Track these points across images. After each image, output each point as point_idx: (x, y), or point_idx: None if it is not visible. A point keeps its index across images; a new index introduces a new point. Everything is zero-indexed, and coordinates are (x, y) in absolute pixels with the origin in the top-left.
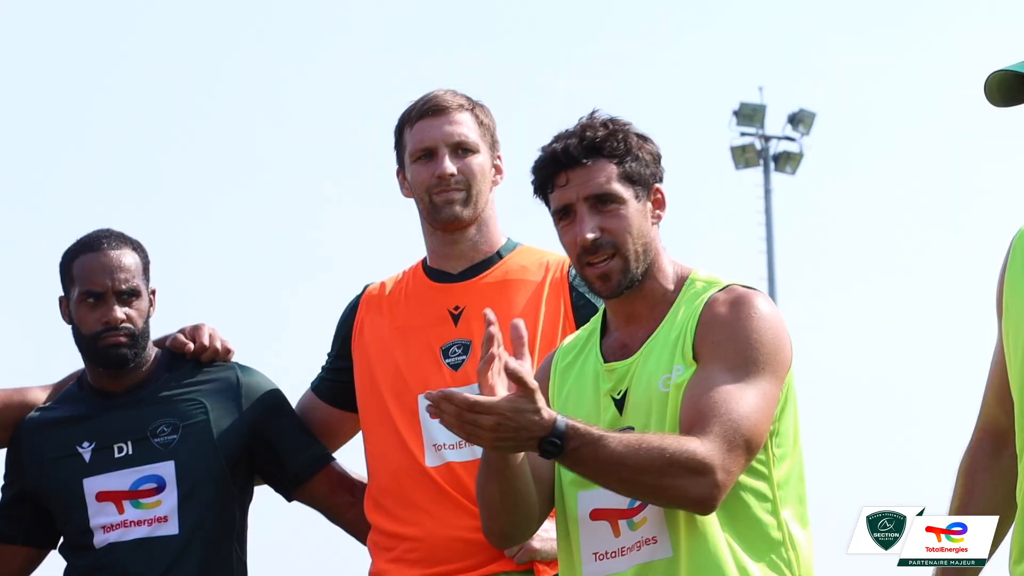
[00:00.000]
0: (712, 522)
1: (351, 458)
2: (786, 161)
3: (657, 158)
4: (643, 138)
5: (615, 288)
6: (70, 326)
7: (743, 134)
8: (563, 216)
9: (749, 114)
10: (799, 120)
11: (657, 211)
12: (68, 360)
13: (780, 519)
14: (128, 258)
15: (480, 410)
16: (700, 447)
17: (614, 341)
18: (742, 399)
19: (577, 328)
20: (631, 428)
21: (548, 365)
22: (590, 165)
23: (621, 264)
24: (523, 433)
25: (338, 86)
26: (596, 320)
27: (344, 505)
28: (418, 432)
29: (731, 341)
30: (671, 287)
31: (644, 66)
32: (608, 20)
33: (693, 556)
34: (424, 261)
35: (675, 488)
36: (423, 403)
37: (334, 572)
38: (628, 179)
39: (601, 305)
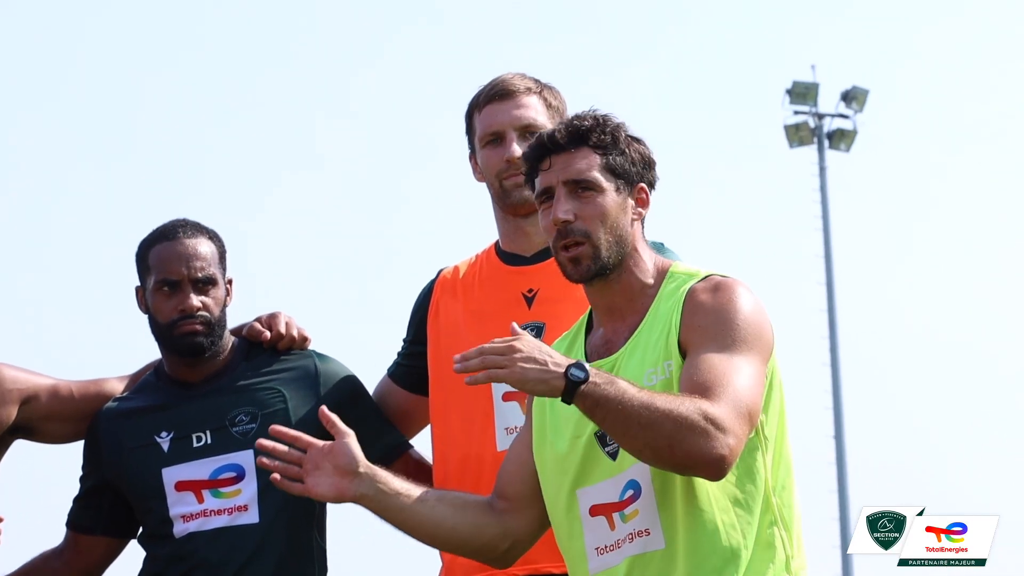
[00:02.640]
0: (705, 512)
1: (420, 446)
2: (840, 138)
3: (647, 161)
4: (634, 139)
5: (584, 273)
6: (147, 316)
7: (796, 112)
8: (544, 199)
9: (802, 92)
10: (852, 97)
11: (639, 209)
12: (146, 351)
13: (771, 503)
14: (204, 247)
15: (510, 340)
16: (713, 408)
17: (598, 338)
18: (740, 372)
19: None
20: None
21: None
22: (573, 152)
23: (591, 251)
24: (549, 359)
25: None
26: (581, 321)
27: None
28: (490, 416)
29: (718, 324)
30: (651, 281)
31: (696, 48)
32: (658, 5)
33: (687, 547)
34: (497, 244)
35: (690, 442)
36: (496, 386)
37: (412, 558)
38: (610, 171)
39: None
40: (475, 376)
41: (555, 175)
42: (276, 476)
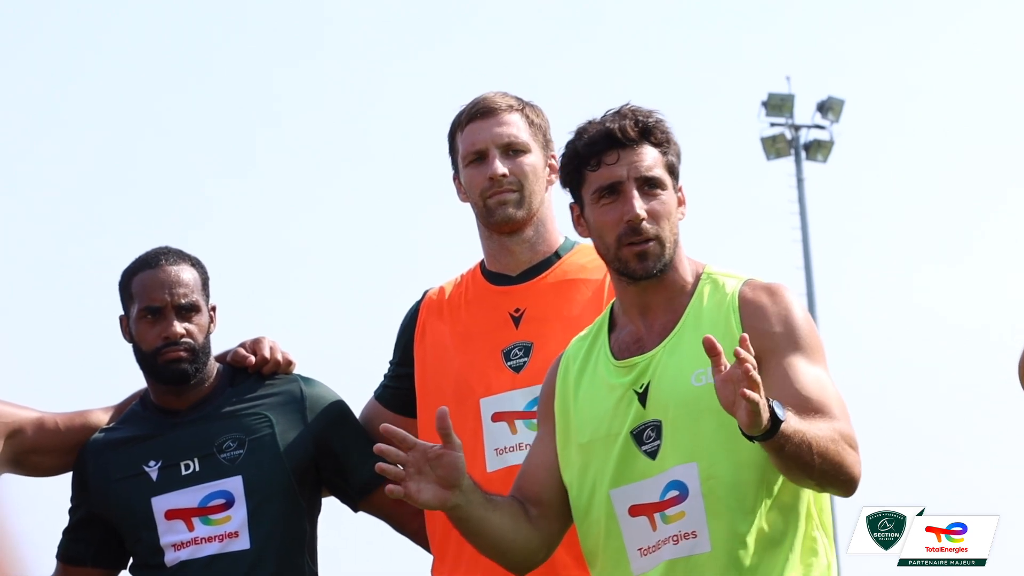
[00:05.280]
0: (753, 517)
1: None
2: (817, 149)
3: (681, 157)
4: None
5: (650, 268)
6: (131, 345)
7: (773, 124)
8: (607, 194)
9: (778, 104)
10: (828, 108)
11: (681, 208)
12: (130, 381)
13: (811, 509)
14: (187, 273)
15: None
16: (847, 427)
17: (626, 336)
18: (834, 384)
19: None
20: (658, 422)
21: (552, 377)
22: (640, 148)
23: (659, 249)
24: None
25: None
26: (602, 319)
27: (410, 515)
28: (479, 437)
29: (794, 332)
30: (689, 280)
31: (670, 60)
32: (632, 15)
33: (733, 551)
34: (482, 264)
35: (846, 464)
36: (485, 407)
37: None
38: (668, 169)
39: None
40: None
41: (624, 170)
42: (390, 487)
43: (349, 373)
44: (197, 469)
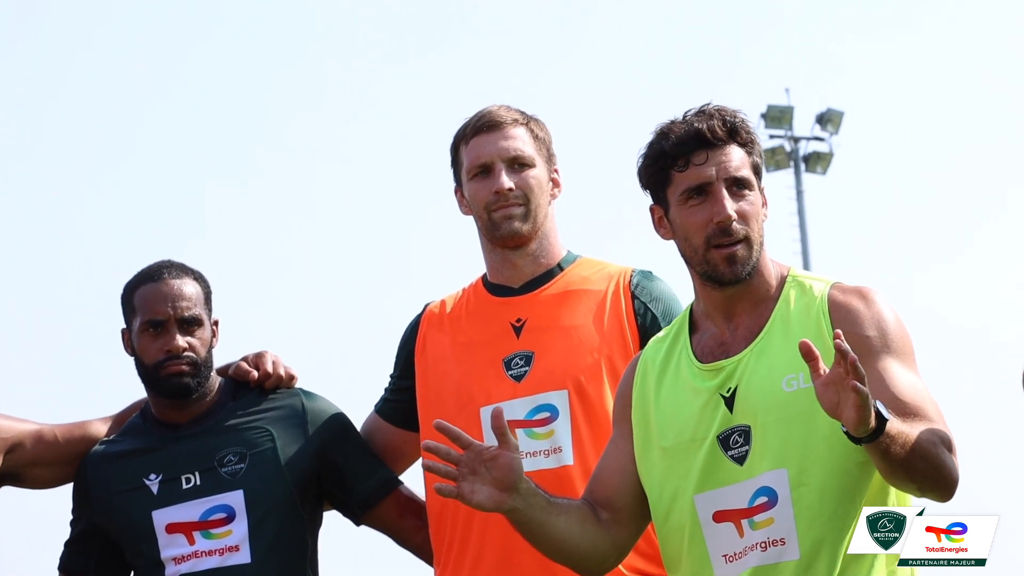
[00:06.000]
0: (841, 525)
1: (411, 481)
2: (816, 161)
3: (762, 155)
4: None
5: (739, 273)
6: (133, 358)
7: (772, 136)
8: (695, 195)
9: (777, 116)
10: (827, 120)
11: (764, 208)
12: (125, 390)
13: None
14: (189, 287)
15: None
16: (946, 432)
17: (709, 339)
18: (930, 391)
19: (640, 336)
20: (747, 427)
21: (630, 379)
22: (729, 147)
23: (747, 251)
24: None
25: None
26: (680, 321)
27: (412, 529)
28: None
29: (890, 336)
30: (773, 283)
31: (669, 72)
32: (631, 26)
33: (821, 559)
34: (484, 277)
35: (947, 468)
36: (486, 416)
37: None
38: (754, 169)
39: (660, 312)
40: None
41: (714, 170)
42: (439, 483)
43: (348, 383)
44: (198, 483)
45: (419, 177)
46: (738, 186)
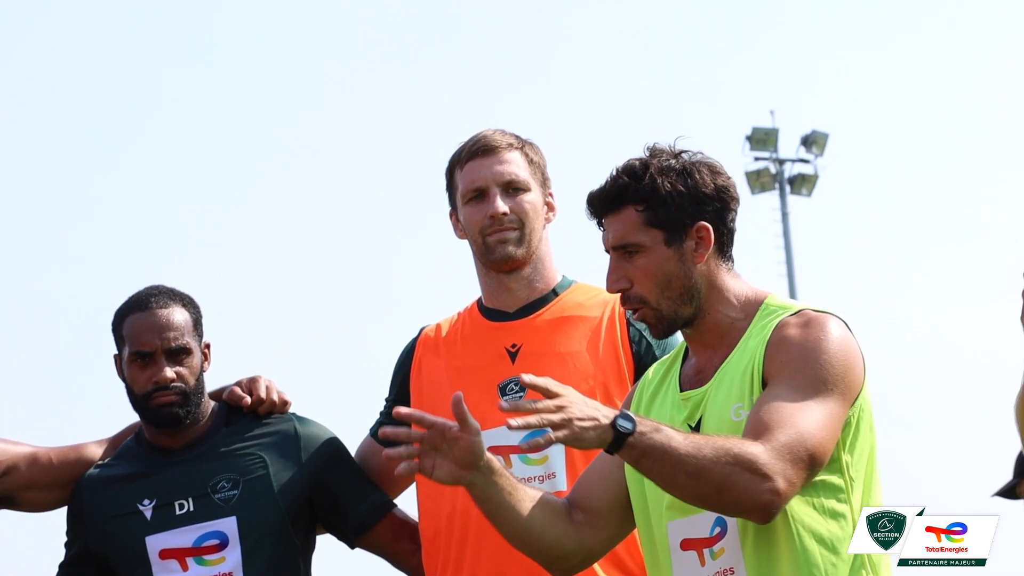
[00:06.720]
0: (788, 553)
1: (404, 505)
2: (801, 183)
3: (700, 196)
4: (685, 174)
5: (662, 332)
6: (124, 384)
7: (757, 159)
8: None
9: (762, 138)
10: (812, 141)
11: (700, 250)
12: (118, 412)
13: (859, 558)
14: (177, 315)
15: (560, 390)
16: (764, 452)
17: (691, 368)
18: (808, 414)
19: (635, 364)
20: None
21: (630, 398)
22: (615, 213)
23: (653, 313)
24: (598, 413)
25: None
26: (681, 346)
27: (407, 552)
28: None
29: (799, 361)
30: (740, 315)
31: (654, 94)
32: (617, 49)
33: None
34: (479, 301)
35: (738, 489)
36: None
37: None
38: (654, 224)
39: (655, 340)
40: (536, 441)
41: (607, 238)
42: (401, 467)
43: (344, 412)
44: (191, 509)
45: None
46: (627, 251)
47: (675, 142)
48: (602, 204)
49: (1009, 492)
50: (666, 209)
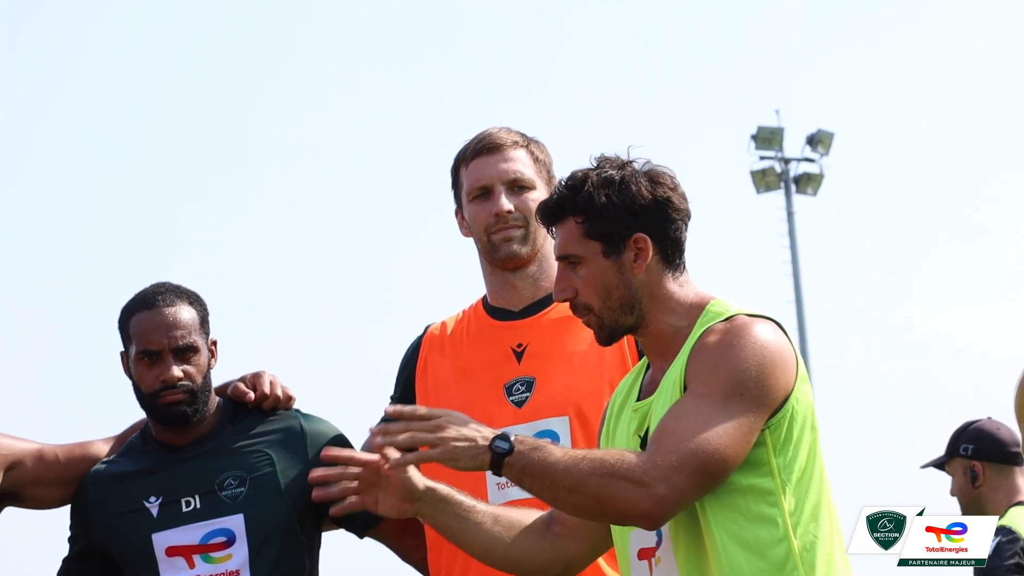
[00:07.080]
0: (715, 560)
1: None
2: (807, 182)
3: (636, 208)
4: (622, 185)
5: (605, 340)
6: (131, 382)
7: (762, 158)
8: None
9: (767, 137)
10: (818, 141)
11: (639, 261)
12: (121, 409)
13: (793, 550)
14: (184, 313)
15: (433, 416)
16: (641, 460)
17: (648, 378)
18: (706, 421)
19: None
20: None
21: (605, 412)
22: (560, 224)
23: (597, 320)
24: (477, 434)
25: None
26: (646, 358)
27: (412, 547)
28: (483, 471)
29: (710, 367)
30: (684, 323)
31: (660, 94)
32: (622, 48)
33: None
34: (485, 300)
35: (616, 499)
36: None
37: None
38: (592, 236)
39: None
40: (405, 458)
41: (556, 250)
42: (335, 508)
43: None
44: (198, 506)
45: (411, 193)
46: (570, 261)
47: (628, 151)
48: (546, 215)
49: (940, 466)
50: (601, 222)
